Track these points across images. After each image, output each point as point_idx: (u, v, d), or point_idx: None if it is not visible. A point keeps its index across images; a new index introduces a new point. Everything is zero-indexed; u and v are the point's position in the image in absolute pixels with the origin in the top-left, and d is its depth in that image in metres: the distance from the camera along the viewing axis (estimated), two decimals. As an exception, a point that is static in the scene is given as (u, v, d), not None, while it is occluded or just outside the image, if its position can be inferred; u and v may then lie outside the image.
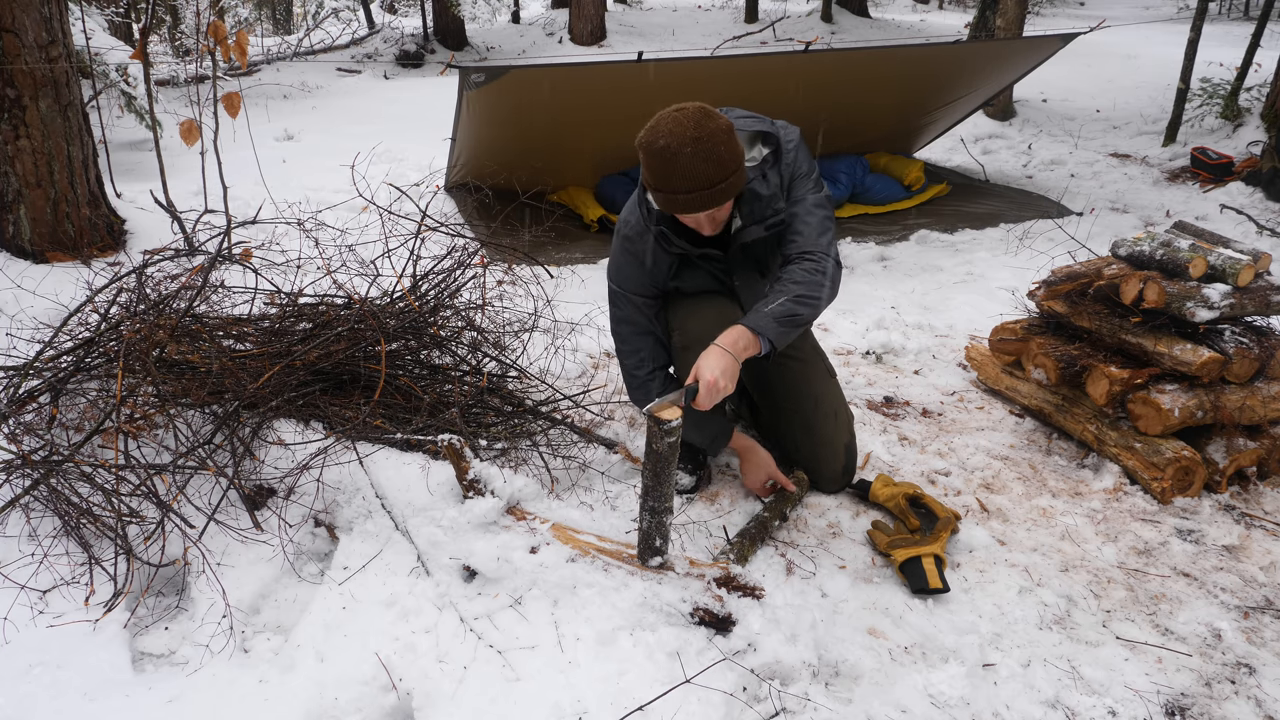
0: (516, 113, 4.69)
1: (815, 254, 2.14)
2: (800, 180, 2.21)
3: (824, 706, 1.80)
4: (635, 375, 2.42)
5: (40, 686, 1.81)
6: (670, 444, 1.83)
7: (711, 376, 1.92)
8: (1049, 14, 16.03)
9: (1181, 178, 6.41)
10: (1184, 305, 2.62)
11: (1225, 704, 1.90)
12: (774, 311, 2.03)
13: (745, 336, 2.00)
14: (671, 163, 1.95)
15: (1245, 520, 2.54)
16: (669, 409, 1.83)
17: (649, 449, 1.86)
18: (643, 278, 2.32)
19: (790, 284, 2.08)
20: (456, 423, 2.40)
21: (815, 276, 2.10)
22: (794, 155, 2.21)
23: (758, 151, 2.19)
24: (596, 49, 11.95)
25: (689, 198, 1.99)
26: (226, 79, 8.78)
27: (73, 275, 3.56)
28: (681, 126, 1.94)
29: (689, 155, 1.93)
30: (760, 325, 2.01)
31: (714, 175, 1.97)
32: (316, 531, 2.23)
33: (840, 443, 2.51)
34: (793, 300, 2.05)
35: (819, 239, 2.16)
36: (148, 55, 4.28)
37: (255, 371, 2.38)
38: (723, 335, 1.99)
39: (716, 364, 1.94)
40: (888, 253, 4.91)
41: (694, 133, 1.93)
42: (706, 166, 1.95)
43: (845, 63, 5.45)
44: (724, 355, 1.96)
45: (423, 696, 1.75)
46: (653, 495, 1.91)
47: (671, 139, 1.94)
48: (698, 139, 1.93)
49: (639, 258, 2.30)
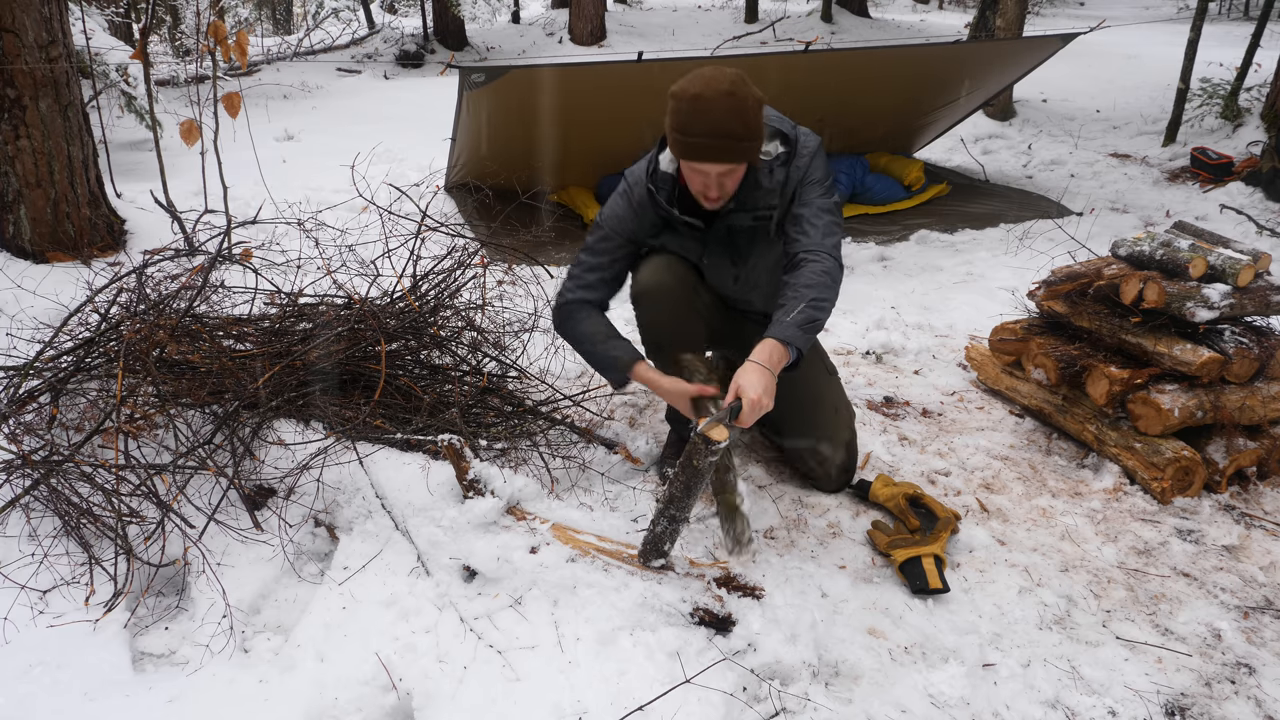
0: (516, 113, 4.69)
1: (820, 254, 2.14)
2: (812, 185, 2.23)
3: (824, 706, 1.80)
4: (562, 295, 2.38)
5: (40, 686, 1.81)
6: (711, 463, 1.85)
7: (755, 395, 1.92)
8: (1049, 14, 16.04)
9: (1181, 178, 6.41)
10: (1184, 305, 2.62)
11: (1225, 704, 1.90)
12: (796, 320, 2.03)
13: (777, 350, 2.01)
14: (701, 109, 1.99)
15: (1245, 520, 2.54)
16: (718, 429, 1.83)
17: (688, 463, 1.87)
18: (627, 221, 2.34)
19: (804, 288, 2.08)
20: (456, 423, 2.40)
21: (824, 279, 2.11)
22: (808, 161, 2.24)
23: (773, 146, 2.23)
24: (596, 49, 11.95)
25: (709, 144, 2.02)
26: (226, 79, 8.78)
27: (73, 275, 3.56)
28: (719, 81, 2.00)
29: (720, 107, 1.99)
30: (788, 336, 2.01)
31: (738, 131, 2.01)
32: (316, 531, 2.23)
33: (841, 439, 2.51)
34: (810, 305, 2.05)
35: (824, 240, 2.17)
36: (148, 55, 4.28)
37: (255, 371, 2.38)
38: (756, 351, 2.01)
39: (759, 382, 1.94)
40: (888, 253, 4.91)
41: (729, 88, 1.99)
42: (733, 121, 2.00)
43: (845, 63, 5.45)
44: (764, 372, 1.97)
45: (423, 696, 1.75)
46: (677, 505, 1.92)
47: (706, 88, 2.00)
48: (731, 94, 1.99)
49: (630, 202, 2.34)
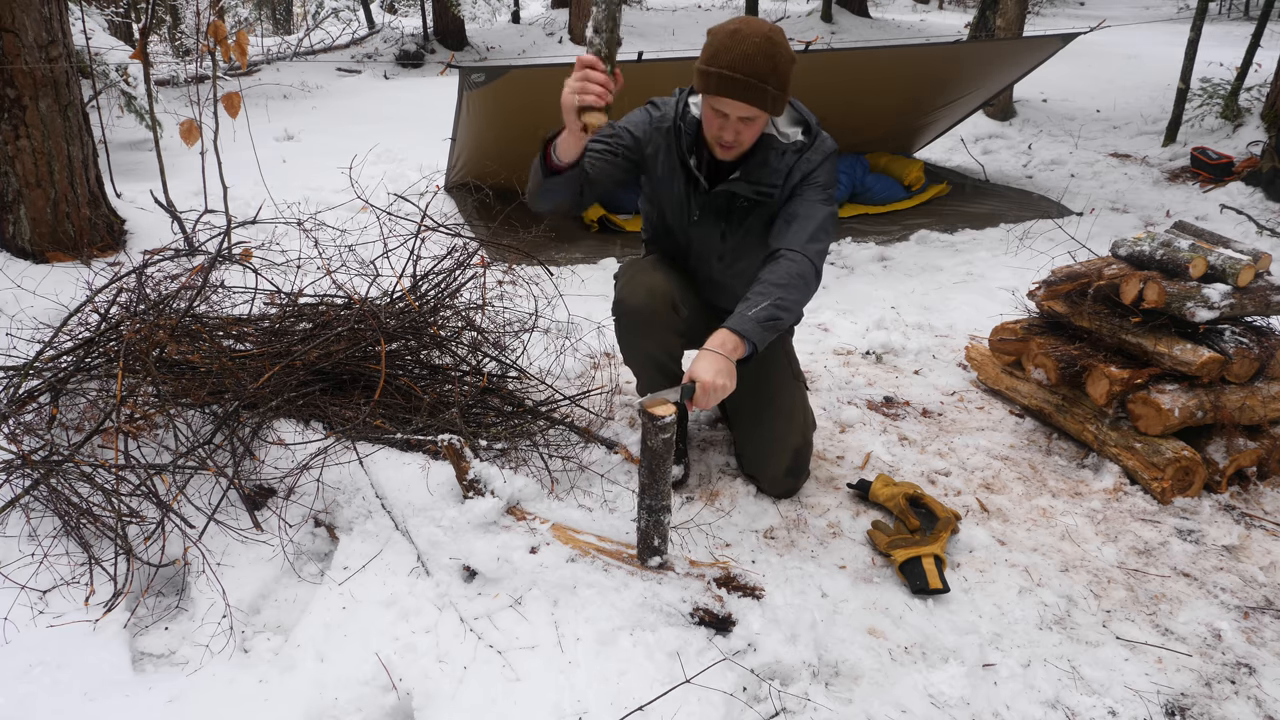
0: (517, 113, 4.68)
1: (799, 256, 2.13)
2: (814, 187, 2.24)
3: (824, 706, 1.80)
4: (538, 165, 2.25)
5: (40, 686, 1.80)
6: (665, 440, 1.83)
7: (707, 378, 1.92)
8: (1049, 14, 16.05)
9: (1181, 178, 6.41)
10: (1184, 305, 2.62)
11: (1225, 704, 1.90)
12: (757, 315, 2.03)
13: (731, 339, 2.00)
14: (736, 44, 2.01)
15: (1245, 520, 2.54)
16: (663, 405, 1.83)
17: (644, 445, 1.86)
18: (643, 128, 2.34)
19: (772, 286, 2.07)
20: (456, 423, 2.40)
21: (796, 280, 2.10)
22: (819, 161, 2.25)
23: (793, 130, 2.26)
24: (596, 49, 11.92)
25: (735, 79, 2.02)
26: (226, 79, 8.78)
27: (73, 275, 3.55)
28: (759, 26, 2.05)
29: (754, 45, 2.01)
30: (744, 329, 2.01)
31: (766, 72, 2.02)
32: (316, 531, 2.23)
33: (790, 443, 2.45)
34: (774, 304, 2.05)
35: (808, 243, 2.15)
36: (148, 55, 4.28)
37: (255, 371, 2.38)
38: (711, 339, 2.01)
39: (710, 365, 1.94)
40: (888, 253, 4.91)
41: (767, 31, 2.04)
42: (764, 62, 2.01)
43: (845, 63, 5.45)
44: (716, 356, 1.96)
45: (423, 696, 1.75)
46: (649, 493, 1.91)
47: (744, 26, 2.04)
48: (768, 38, 2.02)
49: (651, 120, 2.35)
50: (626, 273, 2.46)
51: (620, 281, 2.44)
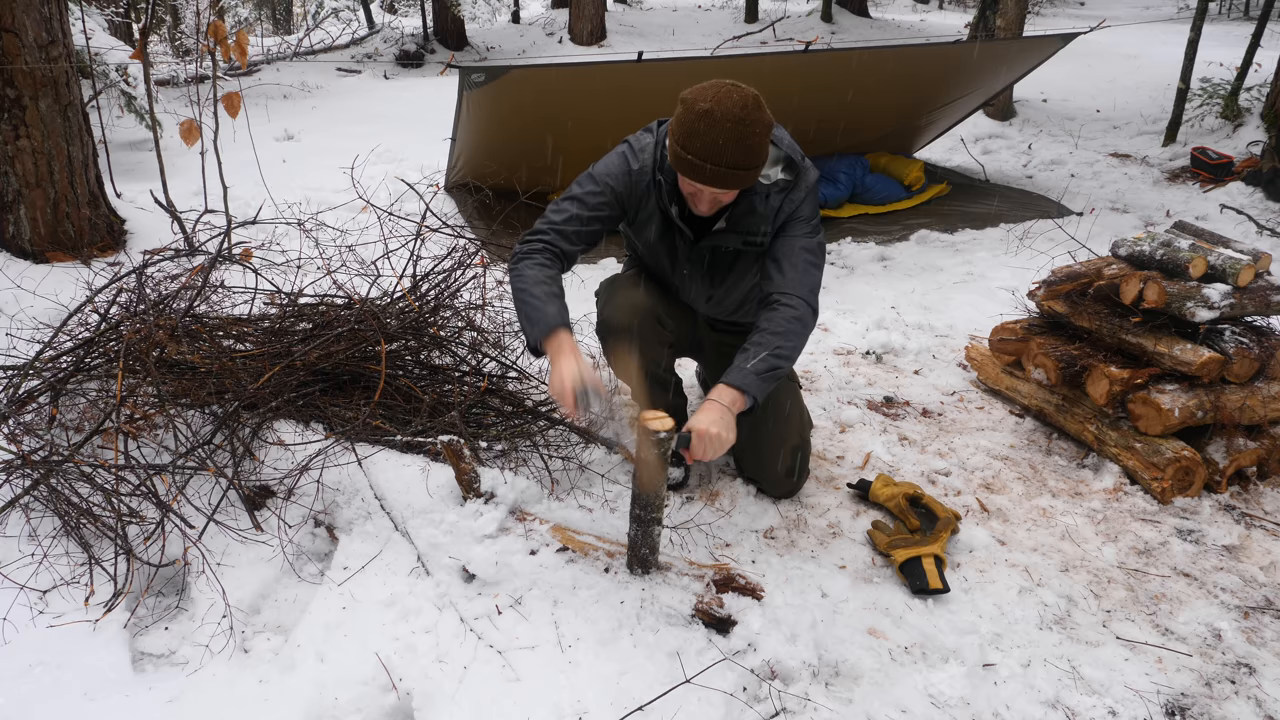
0: (516, 113, 4.69)
1: (794, 300, 2.11)
2: (799, 222, 2.20)
3: (824, 706, 1.80)
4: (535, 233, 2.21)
5: (40, 686, 1.81)
6: (658, 454, 1.84)
7: (702, 428, 1.92)
8: (1049, 14, 16.04)
9: (1181, 178, 6.41)
10: (1184, 305, 2.62)
11: (1225, 704, 1.90)
12: (756, 368, 2.02)
13: (730, 393, 2.00)
14: (705, 129, 1.93)
15: (1245, 520, 2.54)
16: (661, 419, 1.83)
17: (637, 456, 1.87)
18: (623, 180, 2.23)
19: (770, 335, 2.06)
20: (456, 424, 2.40)
21: (794, 325, 2.08)
22: (803, 196, 2.20)
23: (775, 171, 2.18)
24: (596, 49, 11.94)
25: (704, 168, 1.97)
26: (226, 79, 8.78)
27: (73, 275, 3.55)
28: (731, 101, 1.94)
29: (725, 130, 1.92)
30: (745, 383, 2.00)
31: (737, 160, 1.96)
32: (316, 532, 2.23)
33: (787, 443, 2.44)
34: (772, 354, 2.04)
35: (801, 284, 2.13)
36: (148, 55, 4.28)
37: (255, 372, 2.38)
38: (712, 391, 2.01)
39: (708, 416, 1.95)
40: (888, 253, 4.91)
41: (739, 113, 1.93)
42: (735, 149, 1.94)
43: (845, 63, 5.45)
44: (717, 407, 1.97)
45: (423, 696, 1.75)
46: (639, 503, 1.91)
47: (716, 107, 1.93)
48: (741, 120, 1.93)
49: (630, 169, 2.23)
50: (606, 291, 2.43)
51: (601, 300, 2.42)
